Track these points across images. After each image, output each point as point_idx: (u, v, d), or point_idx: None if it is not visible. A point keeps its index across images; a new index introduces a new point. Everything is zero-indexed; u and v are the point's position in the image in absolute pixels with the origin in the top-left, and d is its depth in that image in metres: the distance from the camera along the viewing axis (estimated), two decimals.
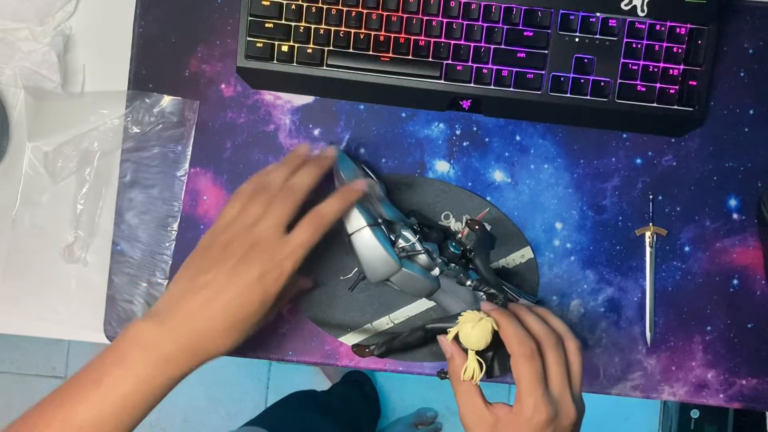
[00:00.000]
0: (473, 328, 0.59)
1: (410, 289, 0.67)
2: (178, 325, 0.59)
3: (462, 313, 0.61)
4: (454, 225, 0.75)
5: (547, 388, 0.57)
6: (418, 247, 0.67)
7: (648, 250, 0.75)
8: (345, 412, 1.23)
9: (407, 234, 0.67)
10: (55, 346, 1.64)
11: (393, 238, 0.67)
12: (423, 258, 0.67)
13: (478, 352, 0.60)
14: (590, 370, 0.75)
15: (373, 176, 0.71)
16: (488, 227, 0.74)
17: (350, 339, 0.74)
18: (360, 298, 0.74)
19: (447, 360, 0.61)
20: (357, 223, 0.65)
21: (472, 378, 0.59)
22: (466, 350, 0.60)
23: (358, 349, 0.71)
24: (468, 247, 0.71)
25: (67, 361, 1.64)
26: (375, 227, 0.66)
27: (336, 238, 0.74)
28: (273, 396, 1.62)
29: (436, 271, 0.67)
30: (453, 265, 0.69)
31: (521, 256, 0.75)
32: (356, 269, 0.74)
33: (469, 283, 0.66)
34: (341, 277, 0.75)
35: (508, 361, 0.60)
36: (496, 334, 0.61)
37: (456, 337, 0.61)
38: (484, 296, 0.69)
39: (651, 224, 0.75)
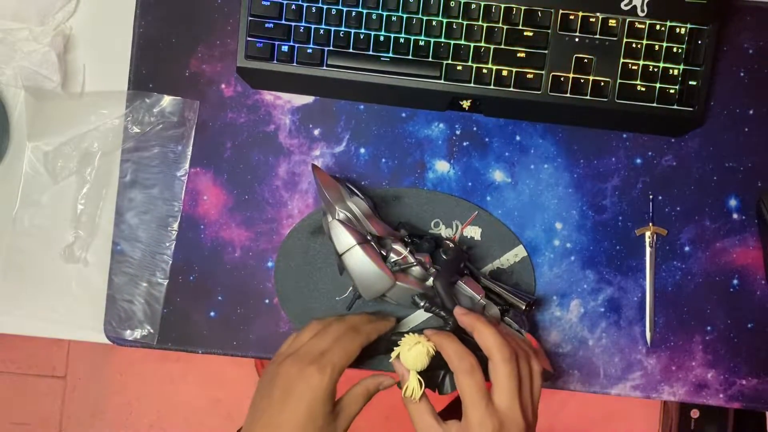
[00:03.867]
0: (409, 351, 0.63)
1: (406, 302, 0.67)
2: None
3: (404, 335, 0.64)
4: (444, 232, 0.75)
5: (491, 400, 0.59)
6: (410, 259, 0.67)
7: (648, 250, 0.75)
8: None
9: (398, 247, 0.67)
10: (55, 346, 1.64)
11: (384, 253, 0.67)
12: (416, 269, 0.67)
13: (425, 372, 0.64)
14: (590, 370, 0.75)
15: (358, 193, 0.71)
16: (478, 231, 0.74)
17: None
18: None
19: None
20: (346, 242, 0.65)
21: (413, 396, 0.63)
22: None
23: None
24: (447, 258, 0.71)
25: (67, 361, 1.64)
26: (365, 245, 0.66)
27: (329, 259, 0.74)
28: None
29: (431, 282, 0.67)
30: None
31: (515, 255, 0.75)
32: (351, 288, 0.74)
33: (422, 304, 0.67)
34: (337, 298, 0.74)
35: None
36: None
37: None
38: (483, 302, 0.68)
39: (651, 224, 0.75)
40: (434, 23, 0.71)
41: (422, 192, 0.75)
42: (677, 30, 0.71)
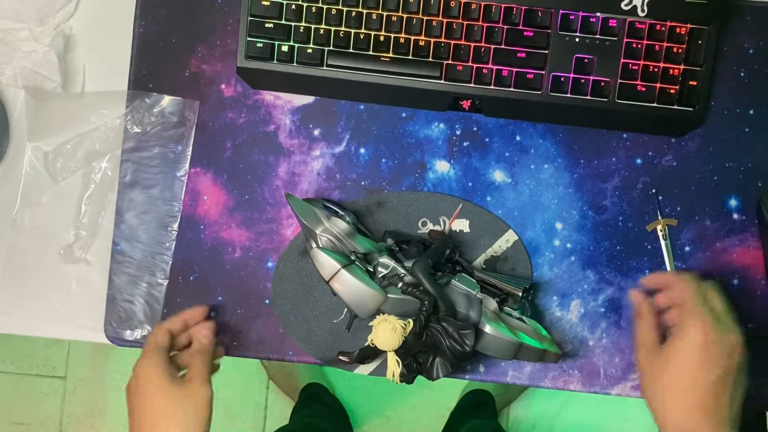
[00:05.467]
0: (376, 331, 0.64)
1: (403, 313, 0.67)
2: None
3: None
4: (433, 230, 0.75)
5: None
6: (399, 270, 0.67)
7: (663, 242, 0.74)
8: (319, 429, 1.24)
9: (385, 261, 0.67)
10: (55, 346, 1.64)
11: (371, 270, 0.67)
12: (408, 279, 0.67)
13: (414, 357, 0.66)
14: (590, 370, 0.75)
15: (338, 210, 0.70)
16: (467, 223, 0.74)
17: (364, 369, 0.74)
18: (364, 329, 0.73)
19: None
20: (331, 267, 0.65)
21: (394, 378, 0.65)
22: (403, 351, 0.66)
23: (346, 355, 0.70)
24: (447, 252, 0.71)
25: (67, 361, 1.64)
26: (350, 266, 0.65)
27: (321, 279, 0.73)
28: (273, 396, 1.62)
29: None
30: (439, 273, 0.69)
31: (506, 240, 0.75)
32: (346, 310, 0.74)
33: (400, 285, 0.67)
34: (334, 321, 0.74)
35: (448, 364, 0.65)
36: (432, 339, 0.65)
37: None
38: (477, 296, 0.68)
39: (660, 217, 0.74)
40: (434, 23, 0.71)
41: (404, 194, 0.75)
42: (677, 30, 0.71)
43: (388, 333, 0.63)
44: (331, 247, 0.68)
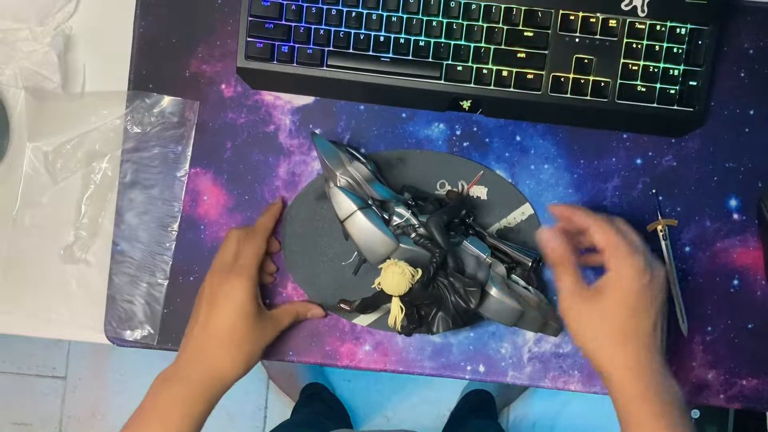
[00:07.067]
0: (385, 273, 0.64)
1: (412, 264, 0.67)
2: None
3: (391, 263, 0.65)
4: None
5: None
6: (413, 221, 0.67)
7: (663, 243, 0.74)
8: (320, 428, 1.24)
9: (401, 210, 0.68)
10: (55, 346, 1.64)
11: (386, 217, 0.67)
12: (421, 230, 0.67)
13: (417, 310, 0.66)
14: (590, 370, 0.75)
15: (360, 157, 0.71)
16: (485, 190, 0.74)
17: (363, 320, 0.74)
18: (367, 279, 0.73)
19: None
20: (347, 208, 0.66)
21: (395, 325, 0.65)
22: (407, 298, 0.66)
23: (347, 303, 0.70)
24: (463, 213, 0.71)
25: (67, 361, 1.64)
26: (366, 209, 0.66)
27: (335, 224, 0.74)
28: (273, 396, 1.62)
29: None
30: (452, 233, 0.69)
31: (521, 213, 0.75)
32: (356, 253, 0.74)
33: (413, 235, 0.67)
34: (342, 263, 0.75)
35: (450, 320, 0.66)
36: (437, 292, 0.65)
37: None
38: (487, 260, 0.68)
39: (660, 217, 0.74)
40: (434, 23, 0.71)
41: (427, 153, 0.75)
42: (677, 30, 0.71)
43: (397, 277, 0.64)
44: (350, 189, 0.68)
